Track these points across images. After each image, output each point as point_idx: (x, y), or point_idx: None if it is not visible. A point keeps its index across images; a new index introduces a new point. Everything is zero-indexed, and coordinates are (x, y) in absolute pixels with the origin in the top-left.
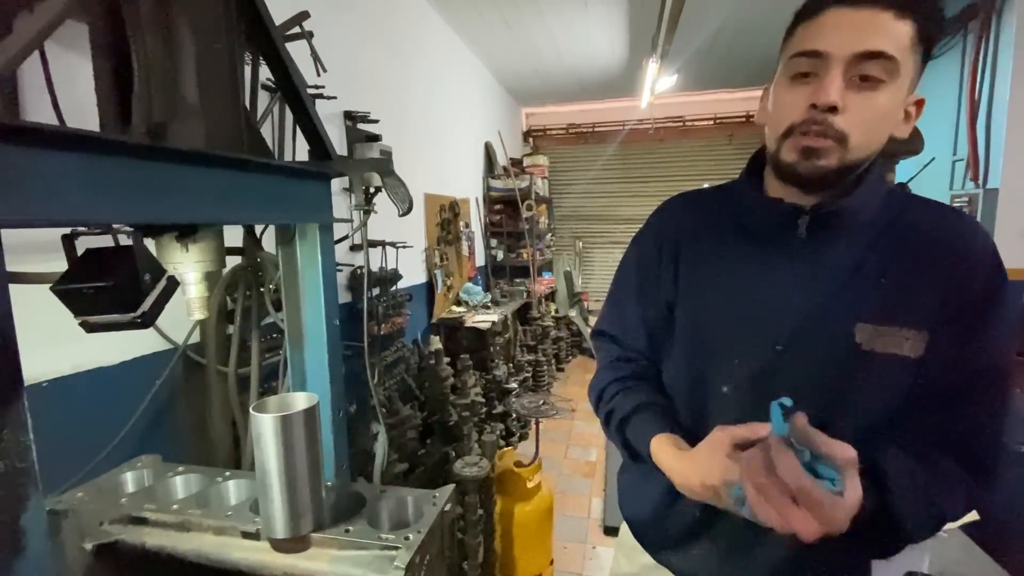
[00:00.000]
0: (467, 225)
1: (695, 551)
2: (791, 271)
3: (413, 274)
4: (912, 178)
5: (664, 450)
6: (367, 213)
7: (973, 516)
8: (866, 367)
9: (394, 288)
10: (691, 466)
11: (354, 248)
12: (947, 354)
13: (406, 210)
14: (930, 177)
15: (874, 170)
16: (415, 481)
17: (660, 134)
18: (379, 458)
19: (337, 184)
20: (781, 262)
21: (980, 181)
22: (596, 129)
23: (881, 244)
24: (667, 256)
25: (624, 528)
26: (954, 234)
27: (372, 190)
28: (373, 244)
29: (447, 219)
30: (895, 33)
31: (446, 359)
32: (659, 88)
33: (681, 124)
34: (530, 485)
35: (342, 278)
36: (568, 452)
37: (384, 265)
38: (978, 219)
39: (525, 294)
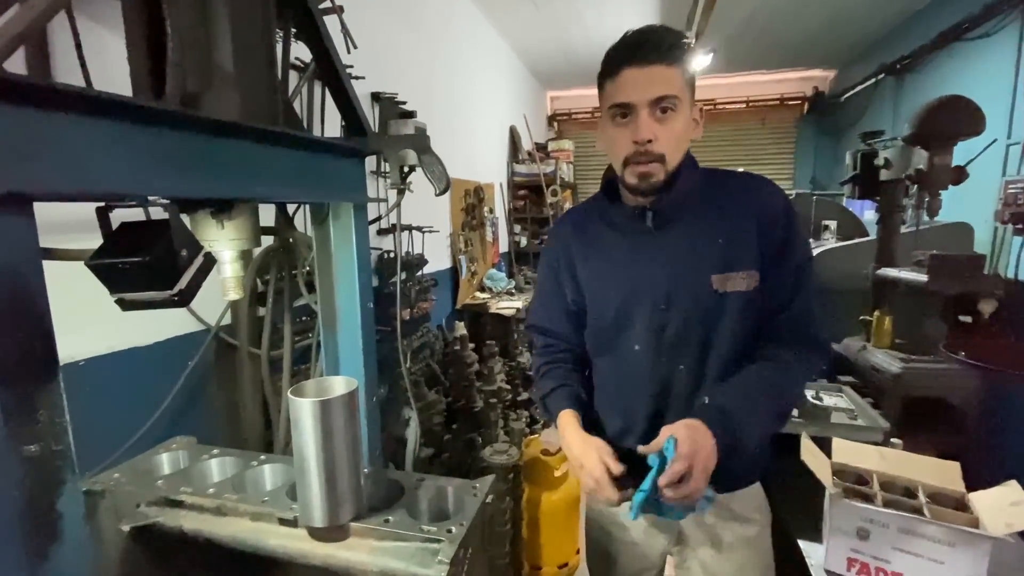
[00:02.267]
0: (491, 211)
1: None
2: (653, 250)
3: (437, 260)
4: (971, 161)
5: (566, 423)
6: (401, 192)
7: None
8: (723, 305)
9: (420, 273)
10: (576, 445)
11: (381, 232)
12: (774, 279)
13: (443, 188)
14: (984, 161)
15: (683, 167)
16: (440, 467)
17: None
18: (411, 444)
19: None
20: (644, 246)
21: None
22: None
23: (711, 214)
24: (564, 265)
25: None
26: (756, 193)
27: (407, 169)
28: (402, 228)
29: (472, 204)
30: (672, 78)
31: (470, 345)
32: (694, 68)
33: (712, 107)
34: (557, 474)
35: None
36: None
37: (411, 250)
38: None
39: None
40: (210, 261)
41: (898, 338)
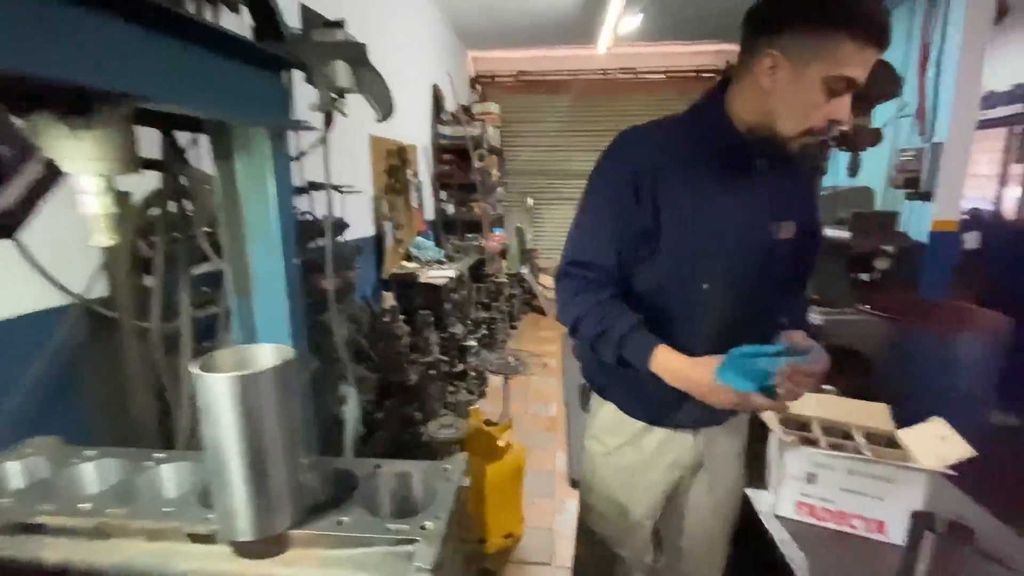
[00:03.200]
0: (415, 175)
1: (683, 405)
2: (744, 194)
3: (359, 225)
4: (885, 124)
5: (673, 358)
6: (328, 119)
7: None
8: (774, 248)
9: (340, 238)
10: (700, 370)
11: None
12: (806, 231)
13: (387, 112)
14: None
15: None
16: (375, 447)
17: (612, 87)
18: (351, 425)
19: None
20: (738, 188)
21: (927, 135)
22: (547, 78)
23: (773, 171)
24: (646, 191)
25: (603, 412)
26: (802, 165)
27: (336, 94)
28: (316, 187)
29: (395, 166)
30: None
31: (401, 317)
32: (621, 30)
33: (634, 76)
34: (501, 444)
35: None
36: (528, 408)
37: (329, 212)
38: (922, 170)
39: (478, 250)
40: (51, 174)
41: (815, 294)
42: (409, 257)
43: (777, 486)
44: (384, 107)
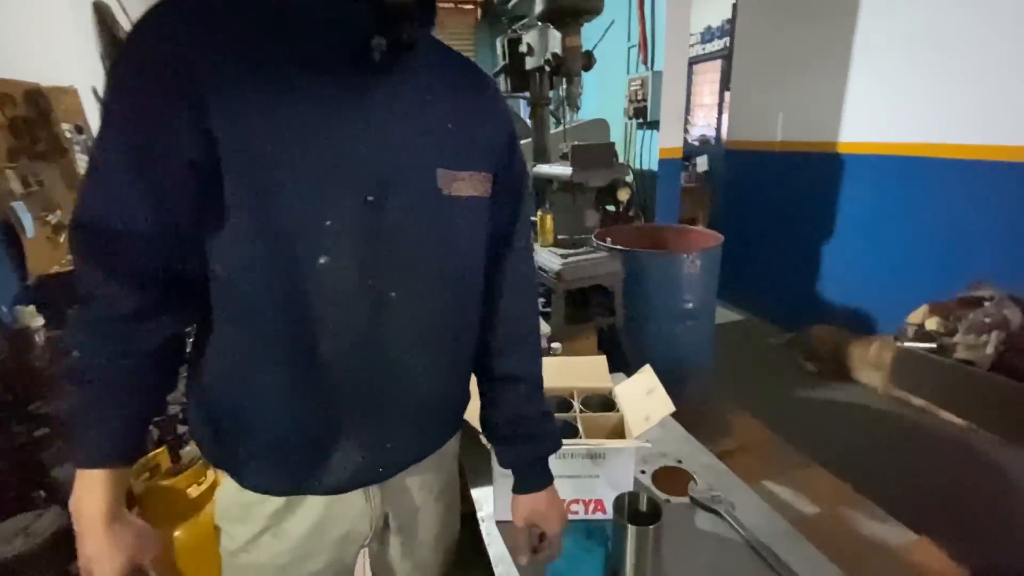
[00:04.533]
0: (79, 130)
1: (333, 455)
2: (369, 106)
3: None
4: (597, 44)
5: (100, 488)
6: None
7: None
8: (450, 212)
9: None
10: (99, 536)
11: None
12: (504, 189)
13: None
14: (613, 59)
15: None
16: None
17: None
18: None
19: None
20: (353, 95)
21: (649, 64)
22: None
23: (440, 88)
24: (179, 96)
25: (222, 492)
26: (483, 82)
27: None
28: None
29: (26, 120)
30: None
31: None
32: None
33: None
34: (194, 494)
35: None
36: None
37: None
38: (648, 100)
39: None
40: None
41: (561, 235)
42: None
43: (494, 488)
44: None
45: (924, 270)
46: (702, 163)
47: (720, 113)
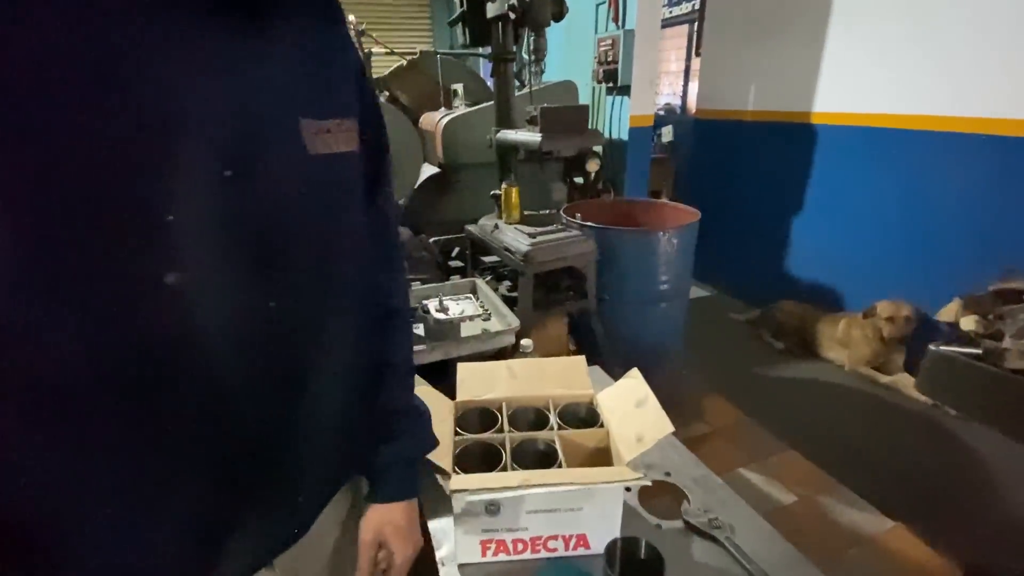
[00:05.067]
0: None
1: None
2: (220, 43)
3: None
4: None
5: None
6: None
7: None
8: (318, 173)
9: None
10: None
11: None
12: (368, 140)
13: None
14: (580, 16)
15: None
16: None
17: None
18: None
19: None
20: (192, 23)
21: (620, 23)
22: None
23: (295, 17)
24: None
25: None
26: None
27: None
28: None
29: None
30: None
31: None
32: None
33: None
34: None
35: None
36: None
37: None
38: (619, 59)
39: None
40: None
41: (527, 210)
42: None
43: (456, 530)
44: None
45: (895, 246)
46: (667, 133)
47: (687, 81)
